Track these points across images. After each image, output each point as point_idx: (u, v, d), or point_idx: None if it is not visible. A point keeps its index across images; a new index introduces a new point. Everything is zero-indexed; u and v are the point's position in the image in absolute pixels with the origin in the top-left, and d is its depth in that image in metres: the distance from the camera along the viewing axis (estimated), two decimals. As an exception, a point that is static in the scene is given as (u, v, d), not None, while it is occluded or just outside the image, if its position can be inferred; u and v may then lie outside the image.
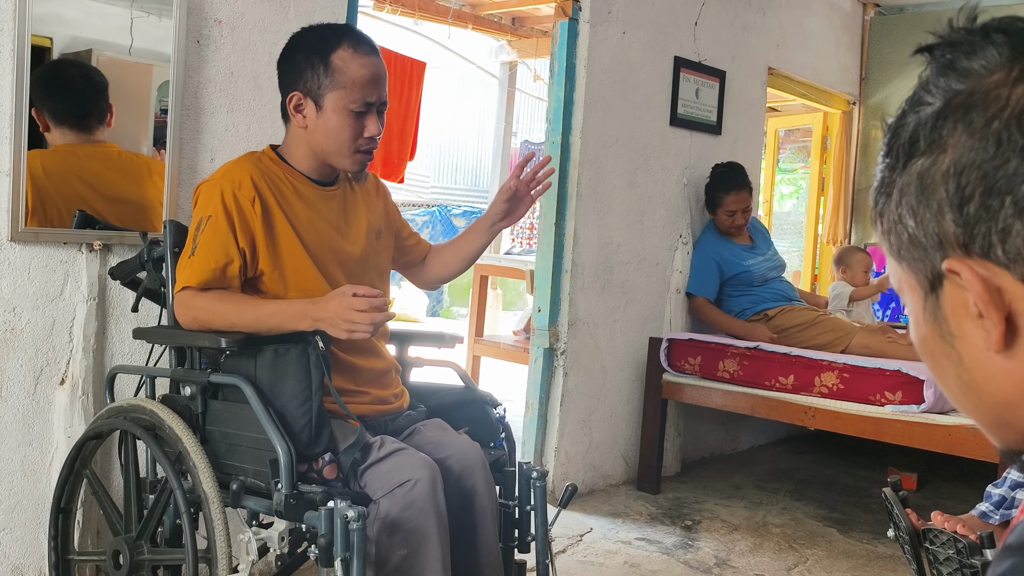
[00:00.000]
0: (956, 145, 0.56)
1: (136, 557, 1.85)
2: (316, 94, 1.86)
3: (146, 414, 1.86)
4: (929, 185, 0.58)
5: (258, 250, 1.85)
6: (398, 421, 1.98)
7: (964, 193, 0.56)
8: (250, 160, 1.92)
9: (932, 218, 0.58)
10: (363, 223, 2.03)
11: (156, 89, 2.34)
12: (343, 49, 1.85)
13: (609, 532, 3.22)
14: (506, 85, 6.58)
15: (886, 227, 0.62)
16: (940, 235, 0.58)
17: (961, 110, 0.56)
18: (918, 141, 0.58)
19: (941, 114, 0.57)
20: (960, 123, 0.56)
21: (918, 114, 0.59)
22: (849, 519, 3.51)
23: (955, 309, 0.59)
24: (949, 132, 0.56)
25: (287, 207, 1.89)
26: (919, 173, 0.58)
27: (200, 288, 1.80)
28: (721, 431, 4.46)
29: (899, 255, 0.62)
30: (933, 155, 0.57)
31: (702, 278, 3.92)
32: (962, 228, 0.56)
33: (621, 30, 3.61)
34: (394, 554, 1.71)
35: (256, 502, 1.76)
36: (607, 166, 3.61)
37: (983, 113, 0.55)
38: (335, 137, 1.88)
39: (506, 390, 5.42)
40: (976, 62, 0.57)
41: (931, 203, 0.58)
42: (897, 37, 5.29)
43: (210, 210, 1.83)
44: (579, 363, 3.57)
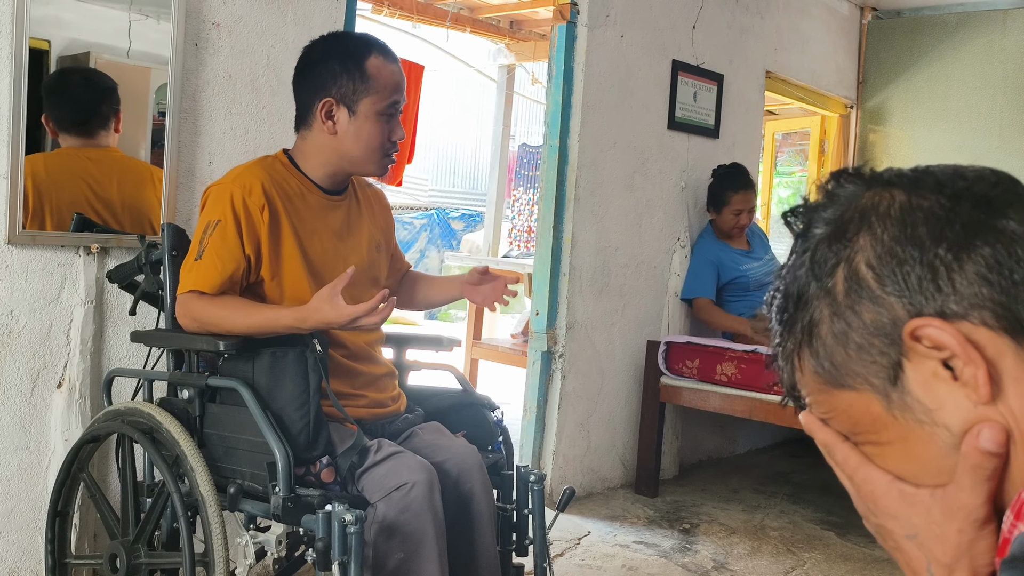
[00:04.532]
0: (866, 243, 0.61)
1: (133, 561, 1.85)
2: (350, 100, 1.89)
3: (143, 417, 1.86)
4: (860, 283, 0.61)
5: (262, 257, 1.85)
6: (395, 424, 1.98)
7: (896, 272, 0.60)
8: (262, 166, 1.92)
9: (877, 308, 0.61)
10: (365, 234, 2.04)
11: (154, 92, 2.34)
12: (375, 57, 1.91)
13: (607, 535, 3.22)
14: (504, 88, 6.58)
15: (822, 359, 0.64)
16: (891, 318, 0.60)
17: (856, 219, 0.63)
18: (825, 264, 0.63)
19: (837, 231, 0.63)
20: (862, 227, 0.62)
21: (808, 251, 0.65)
22: (847, 522, 3.51)
23: (925, 383, 0.60)
24: (852, 238, 0.62)
25: (295, 217, 1.90)
26: (844, 278, 0.62)
27: (214, 294, 1.81)
28: (719, 434, 4.46)
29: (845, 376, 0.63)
30: (847, 263, 0.62)
31: (700, 280, 3.92)
32: (908, 300, 0.59)
33: (619, 33, 3.61)
34: (391, 557, 1.71)
35: (254, 505, 1.76)
36: (605, 169, 3.61)
37: (877, 211, 0.62)
38: (367, 142, 1.91)
39: (504, 393, 5.42)
40: (846, 192, 0.65)
41: (871, 295, 0.61)
42: (894, 41, 5.30)
43: (219, 214, 1.83)
44: (577, 366, 3.57)
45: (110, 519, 1.96)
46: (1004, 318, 0.57)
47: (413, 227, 11.03)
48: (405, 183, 8.05)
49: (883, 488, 0.63)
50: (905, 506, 0.61)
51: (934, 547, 0.60)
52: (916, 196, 0.61)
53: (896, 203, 0.62)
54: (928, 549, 0.60)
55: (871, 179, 0.65)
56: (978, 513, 0.58)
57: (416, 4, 4.93)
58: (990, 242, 0.58)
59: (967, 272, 0.58)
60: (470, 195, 13.26)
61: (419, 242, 12.15)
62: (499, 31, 5.61)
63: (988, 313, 0.57)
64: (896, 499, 0.62)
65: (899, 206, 0.61)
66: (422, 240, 12.16)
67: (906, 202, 0.61)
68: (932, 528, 0.60)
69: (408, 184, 11.51)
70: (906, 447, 0.61)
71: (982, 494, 0.58)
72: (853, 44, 5.35)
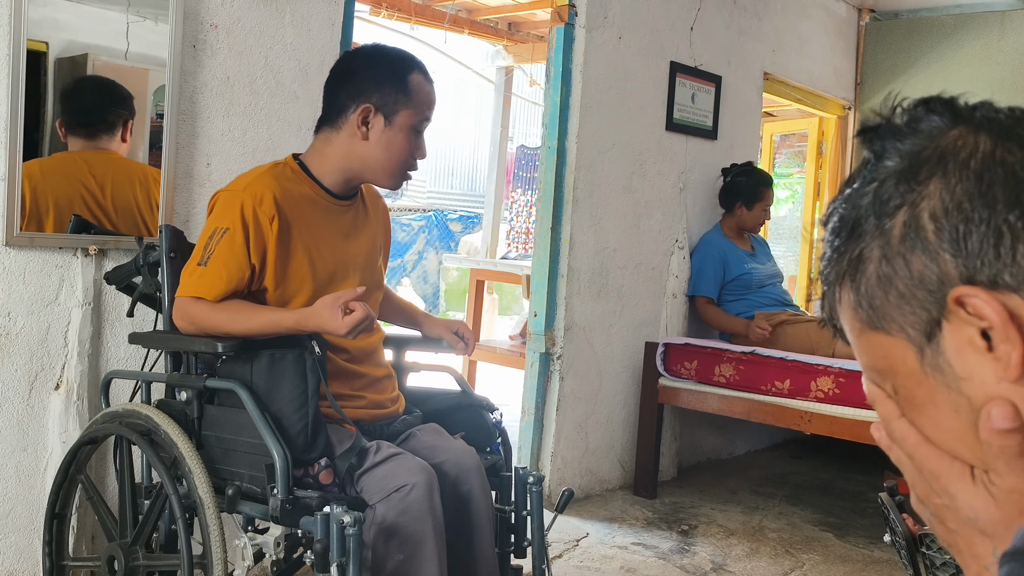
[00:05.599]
0: (935, 191, 0.58)
1: (131, 563, 1.85)
2: (390, 109, 1.91)
3: (141, 419, 1.85)
4: (918, 232, 0.59)
5: (267, 267, 1.85)
6: (394, 426, 1.98)
7: (960, 229, 0.57)
8: (272, 175, 1.91)
9: (929, 261, 0.58)
10: (370, 238, 2.05)
11: (152, 93, 2.34)
12: (417, 73, 1.95)
13: (605, 537, 3.22)
14: (502, 90, 6.58)
15: (862, 296, 0.62)
16: (940, 275, 0.58)
17: (933, 160, 0.59)
18: (888, 202, 0.60)
19: (909, 170, 0.60)
20: (936, 171, 0.58)
21: (876, 182, 0.61)
22: (845, 524, 3.51)
23: (959, 349, 0.58)
24: (924, 181, 0.59)
25: (304, 226, 1.90)
26: (903, 223, 0.59)
27: (217, 301, 1.80)
28: (717, 436, 4.46)
29: (882, 320, 0.61)
30: (913, 206, 0.59)
31: (705, 277, 3.95)
32: (963, 261, 0.57)
33: (617, 35, 3.61)
34: (390, 559, 1.70)
35: (252, 507, 1.76)
36: (603, 171, 3.61)
37: (956, 158, 0.58)
38: (395, 153, 1.93)
39: (502, 395, 5.42)
40: (930, 125, 0.61)
41: (926, 247, 0.58)
42: (892, 42, 5.30)
43: (227, 222, 1.83)
44: (575, 368, 3.57)
45: (108, 521, 1.96)
46: None
47: (411, 229, 11.02)
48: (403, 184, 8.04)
49: (946, 467, 0.60)
50: (966, 487, 0.59)
51: (998, 530, 0.58)
52: (1003, 148, 0.57)
53: (979, 152, 0.57)
54: (992, 534, 0.58)
55: (962, 114, 0.60)
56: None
57: (414, 6, 4.93)
58: None
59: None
60: (468, 197, 13.26)
61: (417, 244, 12.14)
62: (497, 33, 5.61)
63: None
64: (957, 479, 0.59)
65: (981, 156, 0.57)
66: (420, 242, 12.15)
67: (990, 153, 0.57)
68: (993, 512, 0.58)
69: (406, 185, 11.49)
70: (936, 412, 0.60)
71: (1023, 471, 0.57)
72: (851, 46, 5.35)
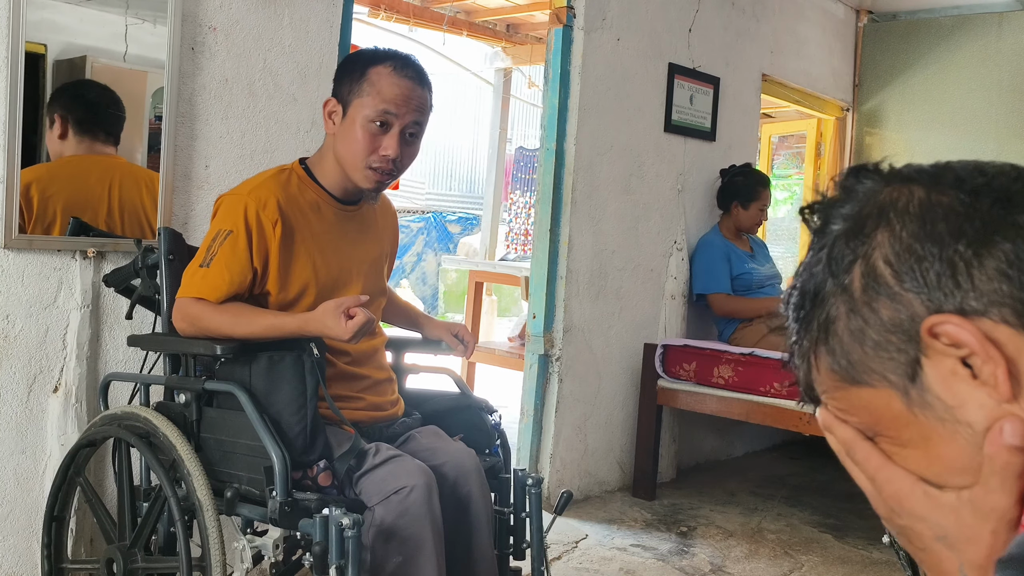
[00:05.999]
0: (884, 240, 0.61)
1: (130, 565, 1.85)
2: (345, 100, 1.88)
3: (140, 421, 1.85)
4: (877, 280, 0.61)
5: (269, 272, 1.85)
6: (393, 428, 1.98)
7: (915, 268, 0.59)
8: (277, 180, 1.90)
9: (895, 305, 0.60)
10: (376, 244, 2.05)
11: (151, 96, 2.34)
12: (384, 65, 1.88)
13: (604, 539, 3.22)
14: (501, 91, 6.58)
15: (839, 356, 0.64)
16: (909, 315, 0.59)
17: (874, 215, 0.62)
18: (842, 260, 0.62)
19: (855, 228, 0.62)
20: (880, 223, 0.61)
21: (826, 248, 0.64)
22: (844, 525, 3.52)
23: (944, 380, 0.59)
24: (871, 234, 0.61)
25: (308, 232, 1.90)
26: (861, 275, 0.61)
27: (218, 303, 1.80)
28: (716, 437, 4.46)
29: (862, 373, 0.62)
30: (866, 257, 0.61)
31: (714, 274, 3.94)
32: (927, 296, 0.58)
33: (615, 37, 3.62)
34: (389, 561, 1.70)
35: (251, 510, 1.76)
36: (602, 173, 3.62)
37: (895, 208, 0.61)
38: (351, 147, 1.88)
39: (501, 396, 5.42)
40: (864, 188, 0.64)
41: (888, 292, 0.60)
42: (890, 44, 5.31)
43: (231, 225, 1.83)
44: (574, 369, 3.57)
45: (107, 523, 1.96)
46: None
47: (410, 230, 11.02)
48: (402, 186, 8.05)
49: (908, 489, 0.61)
50: (932, 507, 0.60)
51: (967, 549, 0.59)
52: (935, 192, 0.60)
53: (915, 199, 0.61)
54: (961, 551, 0.59)
55: (890, 175, 0.64)
56: (1012, 513, 0.57)
57: (412, 8, 4.93)
58: (1010, 238, 0.57)
59: (987, 269, 0.57)
60: (467, 198, 13.27)
61: (416, 245, 12.14)
62: (495, 35, 5.62)
63: (1008, 310, 0.57)
64: (922, 500, 0.60)
65: (918, 202, 0.60)
66: (419, 244, 12.15)
67: (925, 198, 0.60)
68: (964, 530, 0.59)
69: (405, 187, 11.51)
70: (928, 446, 0.60)
71: (1013, 493, 0.57)
72: (849, 47, 5.36)
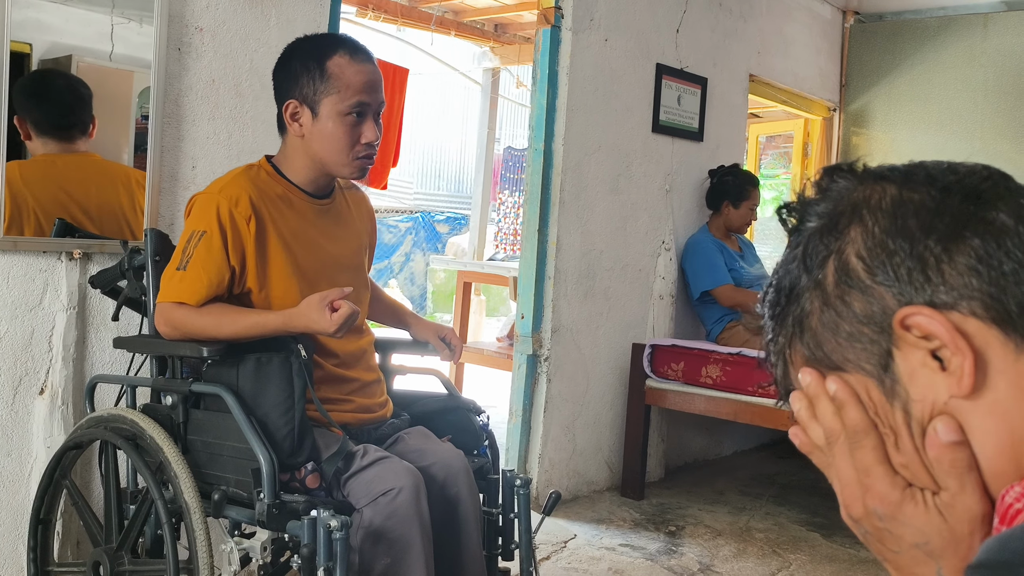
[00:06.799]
0: (857, 235, 0.62)
1: (117, 568, 1.84)
2: (312, 100, 1.86)
3: (127, 424, 1.84)
4: (850, 274, 0.62)
5: (247, 269, 1.84)
6: (381, 429, 1.98)
7: (886, 263, 0.60)
8: (247, 176, 1.90)
9: (867, 298, 0.61)
10: (354, 238, 2.04)
11: (137, 96, 2.33)
12: (339, 56, 1.86)
13: (593, 538, 3.23)
14: (489, 91, 6.58)
15: (814, 348, 0.64)
16: (881, 308, 0.60)
17: (848, 212, 0.63)
18: (816, 256, 0.64)
19: (829, 224, 0.64)
20: (853, 219, 0.63)
21: (800, 245, 0.65)
22: (832, 524, 3.53)
23: (912, 373, 0.60)
24: (844, 230, 0.63)
25: (283, 225, 1.89)
26: (835, 269, 0.63)
27: (199, 305, 1.79)
28: (704, 437, 4.47)
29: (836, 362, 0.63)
30: (840, 252, 0.62)
31: (714, 268, 3.95)
32: (898, 290, 0.60)
33: (603, 37, 3.62)
34: (377, 563, 1.70)
35: (238, 512, 1.75)
36: (590, 173, 3.62)
37: (868, 205, 0.63)
38: (333, 144, 1.87)
39: (490, 397, 5.42)
40: (838, 187, 0.66)
41: (860, 286, 0.61)
42: (876, 44, 5.33)
43: (204, 225, 1.82)
44: (562, 369, 3.57)
45: (93, 526, 1.95)
46: (993, 308, 0.58)
47: (398, 230, 11.00)
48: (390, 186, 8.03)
49: (898, 494, 0.61)
50: (917, 514, 0.60)
51: (947, 552, 0.59)
52: (907, 189, 0.62)
53: (887, 196, 0.62)
54: (940, 557, 0.60)
55: (864, 174, 0.65)
56: (983, 510, 0.58)
57: (400, 7, 4.93)
58: (980, 234, 0.59)
59: (957, 263, 0.58)
60: (455, 198, 13.25)
61: (404, 245, 12.12)
62: (484, 35, 5.61)
63: (977, 303, 0.58)
64: (909, 504, 0.60)
65: (890, 199, 0.62)
66: (407, 243, 12.13)
67: (897, 195, 0.62)
68: (944, 536, 0.59)
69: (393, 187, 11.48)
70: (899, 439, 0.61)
71: (976, 488, 0.58)
72: (835, 47, 5.38)
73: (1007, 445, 0.57)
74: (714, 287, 3.93)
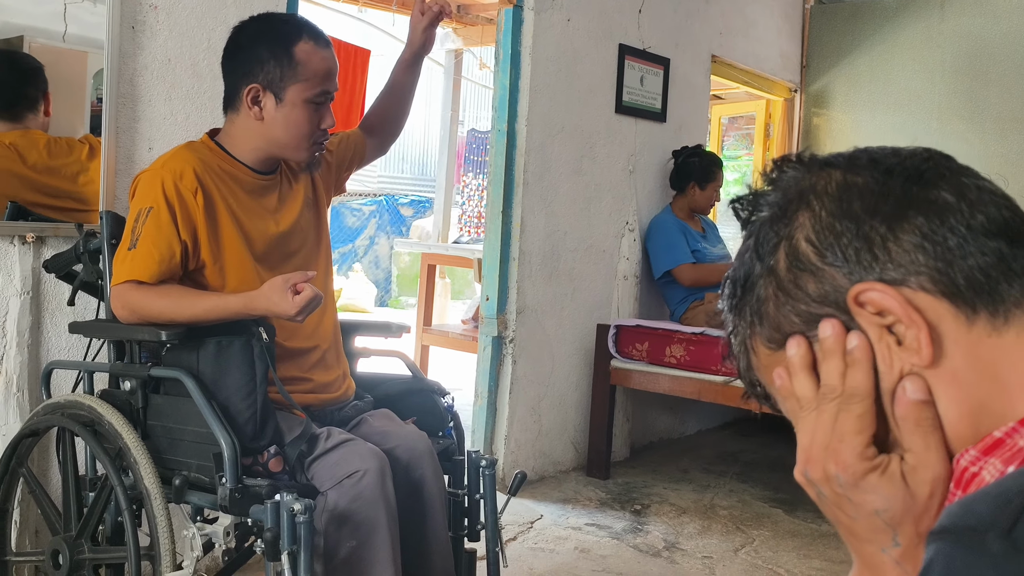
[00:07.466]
0: (805, 220, 0.64)
1: (76, 556, 1.81)
2: (277, 87, 1.84)
3: (84, 410, 1.81)
4: (800, 258, 0.63)
5: (199, 243, 1.82)
6: (344, 411, 1.97)
7: (834, 245, 0.62)
8: (191, 150, 1.88)
9: (819, 281, 0.63)
10: (298, 205, 2.00)
11: (92, 77, 2.28)
12: (304, 42, 1.85)
13: (559, 518, 3.24)
14: (452, 73, 6.54)
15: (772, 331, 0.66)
16: (833, 288, 0.62)
17: (796, 199, 0.65)
18: (767, 244, 0.65)
19: (779, 212, 0.66)
20: (801, 205, 0.64)
21: (753, 236, 0.67)
22: (794, 499, 3.58)
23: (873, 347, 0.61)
24: (793, 216, 0.64)
25: (231, 198, 1.86)
26: (785, 255, 0.64)
27: (153, 283, 1.76)
28: (669, 416, 4.51)
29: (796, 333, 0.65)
30: (789, 238, 0.64)
31: (674, 248, 3.96)
32: (848, 270, 0.61)
33: (566, 17, 3.61)
34: (343, 546, 1.69)
35: (200, 497, 1.73)
36: (553, 154, 3.61)
37: (815, 191, 0.64)
38: (295, 130, 1.86)
39: (456, 379, 5.42)
40: (787, 177, 0.67)
41: (812, 269, 0.63)
42: (836, 25, 5.37)
43: (151, 201, 1.79)
44: (528, 351, 3.57)
45: (51, 514, 1.92)
46: (941, 282, 0.59)
47: (362, 214, 10.93)
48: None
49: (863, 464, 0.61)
50: (880, 482, 0.60)
51: (906, 519, 0.60)
52: (851, 174, 0.64)
53: (833, 181, 0.64)
54: (899, 524, 0.61)
55: (810, 162, 0.67)
56: (946, 470, 0.60)
57: (361, -13, 4.87)
58: (923, 212, 0.60)
59: (902, 241, 0.60)
60: (419, 181, 13.18)
61: (368, 229, 12.04)
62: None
63: (925, 278, 0.59)
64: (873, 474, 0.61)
65: (835, 184, 0.64)
66: (371, 227, 12.06)
67: (842, 180, 0.64)
68: (906, 501, 0.60)
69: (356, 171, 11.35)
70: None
71: (939, 448, 0.60)
72: (796, 28, 5.41)
73: (967, 412, 0.59)
74: (674, 267, 3.95)
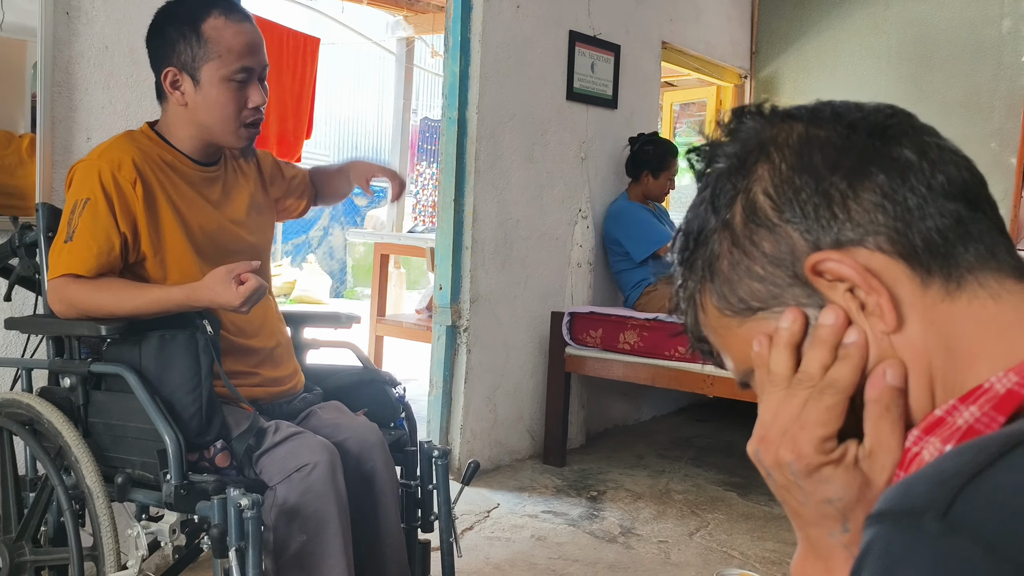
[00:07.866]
0: (764, 173, 0.61)
1: (17, 559, 1.76)
2: (192, 68, 1.77)
3: (23, 408, 1.76)
4: (757, 212, 0.61)
5: (139, 234, 1.77)
6: (293, 404, 1.93)
7: (792, 200, 0.60)
8: (129, 139, 1.82)
9: (776, 238, 0.60)
10: (245, 200, 1.96)
11: (31, 67, 2.21)
12: (214, 17, 1.77)
13: (516, 507, 3.24)
14: (403, 61, 6.48)
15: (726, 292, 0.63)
16: (791, 250, 0.60)
17: (756, 150, 0.63)
18: (723, 196, 0.63)
19: (737, 164, 0.63)
20: (760, 157, 0.62)
21: (709, 187, 0.64)
22: (748, 483, 3.62)
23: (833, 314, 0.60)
24: (752, 168, 0.62)
25: (171, 189, 1.81)
26: (742, 208, 0.62)
27: (92, 276, 1.71)
28: (624, 402, 4.53)
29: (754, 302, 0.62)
30: (747, 191, 0.62)
31: (653, 229, 3.97)
32: (805, 228, 0.59)
33: (515, 3, 3.58)
34: (293, 540, 1.67)
35: (145, 495, 1.69)
36: (504, 141, 3.59)
37: (775, 143, 0.62)
38: (218, 111, 1.79)
39: (411, 369, 5.39)
40: (746, 127, 0.65)
41: (768, 224, 0.60)
42: (785, 12, 5.42)
43: (87, 192, 1.73)
44: (482, 340, 3.56)
45: (-10, 517, 1.86)
46: (899, 243, 0.58)
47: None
48: (304, 159, 7.87)
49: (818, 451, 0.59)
50: (837, 472, 0.58)
51: (858, 507, 0.58)
52: (814, 127, 0.62)
53: (794, 134, 0.62)
54: (851, 510, 0.59)
55: (772, 114, 0.65)
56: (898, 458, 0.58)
57: (308, -26, 4.79)
58: (885, 169, 0.59)
59: (862, 199, 0.58)
60: (373, 171, 13.05)
61: (322, 219, 11.93)
62: (396, 3, 5.51)
63: (883, 239, 0.58)
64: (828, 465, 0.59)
65: (797, 136, 0.62)
66: (325, 217, 11.94)
67: (804, 132, 0.62)
68: (861, 489, 0.58)
69: (308, 159, 11.24)
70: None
71: (902, 436, 0.58)
72: (746, 15, 5.45)
73: (926, 384, 0.58)
74: (660, 246, 3.94)
